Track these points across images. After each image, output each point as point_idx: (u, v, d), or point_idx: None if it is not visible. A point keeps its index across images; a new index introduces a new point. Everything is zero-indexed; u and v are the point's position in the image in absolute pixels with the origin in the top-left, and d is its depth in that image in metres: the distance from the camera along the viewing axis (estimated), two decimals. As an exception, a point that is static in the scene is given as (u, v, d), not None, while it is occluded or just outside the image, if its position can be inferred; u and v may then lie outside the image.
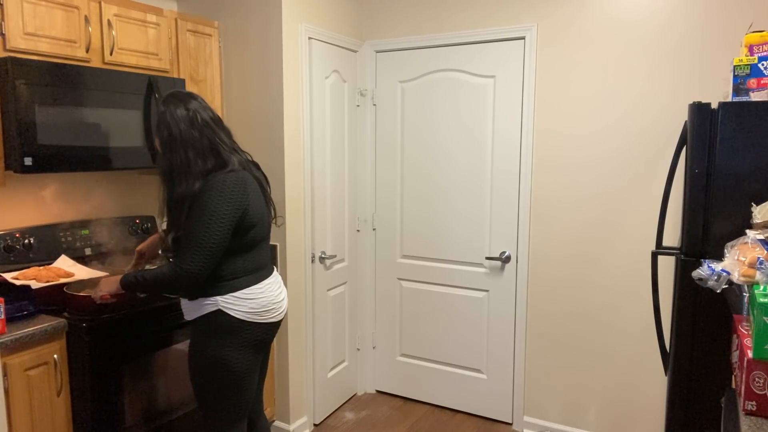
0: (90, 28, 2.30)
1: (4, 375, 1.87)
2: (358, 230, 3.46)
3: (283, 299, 2.03)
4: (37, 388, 1.98)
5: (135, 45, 2.48)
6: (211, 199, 1.76)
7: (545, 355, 3.04)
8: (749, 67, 1.85)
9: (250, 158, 2.02)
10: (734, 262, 1.55)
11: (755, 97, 1.85)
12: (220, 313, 1.85)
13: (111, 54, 2.38)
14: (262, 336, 1.94)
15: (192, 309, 1.90)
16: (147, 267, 2.38)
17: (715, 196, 1.87)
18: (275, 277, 2.04)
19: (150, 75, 2.48)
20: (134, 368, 2.20)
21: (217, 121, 1.91)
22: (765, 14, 2.38)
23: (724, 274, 1.59)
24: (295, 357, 2.97)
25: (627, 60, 2.68)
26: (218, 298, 1.85)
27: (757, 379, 1.30)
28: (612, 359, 2.86)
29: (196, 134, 1.81)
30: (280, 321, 2.03)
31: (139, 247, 2.26)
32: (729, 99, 1.91)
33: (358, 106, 3.38)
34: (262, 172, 2.07)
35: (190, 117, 1.82)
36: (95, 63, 2.33)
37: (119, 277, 1.93)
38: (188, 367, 1.96)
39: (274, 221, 2.07)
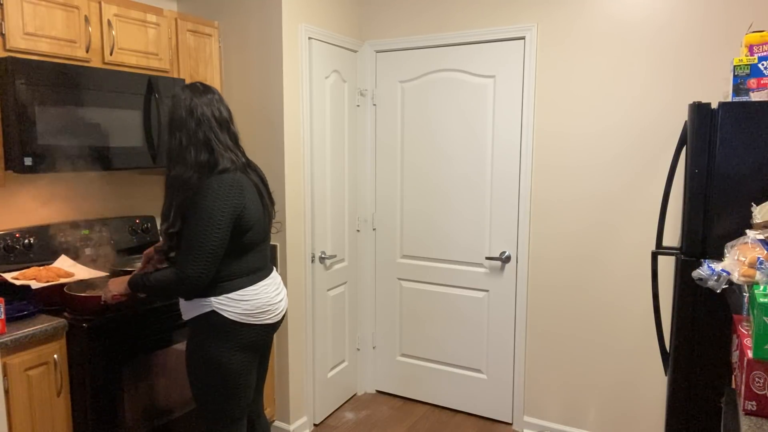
0: (90, 28, 2.30)
1: (4, 375, 1.87)
2: (358, 230, 3.46)
3: (280, 301, 2.01)
4: (37, 388, 1.98)
5: (135, 45, 2.48)
6: (206, 202, 1.76)
7: (545, 355, 3.04)
8: (749, 67, 1.85)
9: (250, 162, 2.01)
10: (734, 262, 1.55)
11: (755, 97, 1.84)
12: (214, 314, 1.85)
13: (111, 54, 2.38)
14: (257, 337, 1.93)
15: (188, 309, 1.90)
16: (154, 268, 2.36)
17: (715, 196, 1.87)
18: (273, 278, 2.03)
19: (150, 75, 2.48)
20: (134, 368, 2.20)
21: (222, 120, 1.90)
22: (765, 14, 2.38)
23: (724, 274, 1.59)
24: (295, 357, 2.97)
25: (627, 60, 2.68)
26: (212, 298, 1.85)
27: (757, 379, 1.30)
28: (612, 359, 2.86)
29: (192, 125, 1.84)
30: (279, 322, 2.03)
31: (147, 251, 2.23)
32: (729, 99, 1.91)
33: (358, 106, 3.38)
34: (262, 177, 2.05)
35: (191, 107, 1.85)
36: (95, 63, 2.33)
37: (127, 278, 1.94)
38: (185, 366, 1.96)
39: (272, 226, 2.07)
